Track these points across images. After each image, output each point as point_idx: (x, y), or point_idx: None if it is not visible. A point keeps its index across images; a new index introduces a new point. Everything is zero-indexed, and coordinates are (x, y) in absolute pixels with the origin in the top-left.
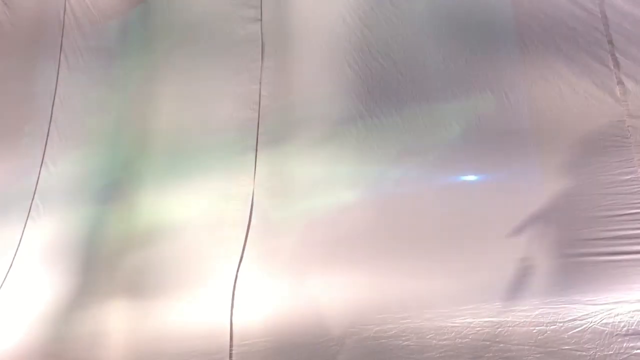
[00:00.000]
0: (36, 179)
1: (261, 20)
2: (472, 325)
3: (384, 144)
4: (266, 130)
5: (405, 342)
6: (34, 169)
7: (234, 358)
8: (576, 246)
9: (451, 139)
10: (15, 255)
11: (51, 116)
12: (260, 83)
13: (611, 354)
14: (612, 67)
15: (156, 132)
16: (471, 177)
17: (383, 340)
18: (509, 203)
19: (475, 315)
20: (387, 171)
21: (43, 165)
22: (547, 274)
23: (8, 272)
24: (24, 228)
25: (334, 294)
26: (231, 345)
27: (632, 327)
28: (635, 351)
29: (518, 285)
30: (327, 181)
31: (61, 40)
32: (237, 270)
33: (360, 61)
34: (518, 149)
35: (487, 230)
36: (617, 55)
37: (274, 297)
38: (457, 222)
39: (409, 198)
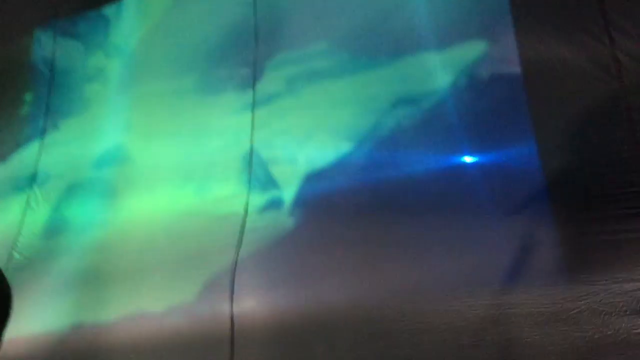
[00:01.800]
0: (37, 148)
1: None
2: (472, 307)
3: (378, 96)
4: (261, 98)
5: (406, 325)
6: (34, 137)
7: (235, 345)
8: (575, 225)
9: (444, 91)
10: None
11: (50, 83)
12: (254, 66)
13: (610, 334)
14: (607, 44)
15: (155, 96)
16: (467, 157)
17: (383, 324)
18: (505, 182)
19: (474, 297)
20: (382, 122)
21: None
22: (545, 255)
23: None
24: (24, 216)
25: (332, 277)
26: (232, 333)
27: (632, 307)
28: (635, 330)
29: (517, 267)
30: (324, 134)
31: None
32: (236, 259)
33: (353, 28)
34: (513, 127)
35: (486, 210)
36: (612, 31)
37: (274, 283)
38: (455, 202)
39: (404, 179)
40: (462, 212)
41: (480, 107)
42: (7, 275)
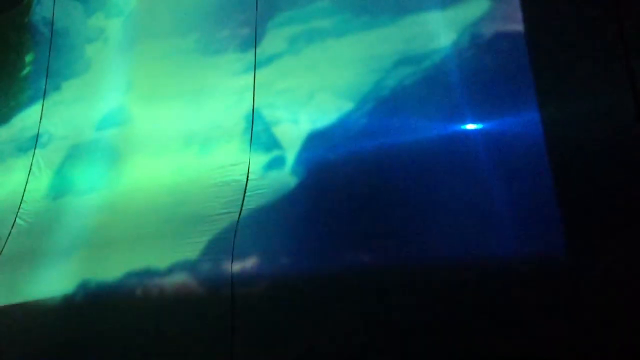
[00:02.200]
0: (39, 109)
1: None
2: (471, 271)
3: (380, 56)
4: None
5: (403, 288)
6: (36, 98)
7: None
8: (576, 195)
9: (446, 49)
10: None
11: (50, 45)
12: (255, 26)
13: (607, 304)
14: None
15: (156, 56)
16: (468, 116)
17: (380, 285)
18: (507, 149)
19: (474, 262)
20: (384, 81)
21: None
22: (545, 223)
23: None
24: (26, 183)
25: (331, 239)
26: (233, 294)
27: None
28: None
29: (516, 234)
30: (326, 94)
31: None
32: (238, 218)
33: None
34: (516, 85)
35: (487, 177)
36: None
37: (275, 240)
38: (456, 167)
39: (406, 142)
40: (464, 177)
41: (482, 65)
42: (12, 241)
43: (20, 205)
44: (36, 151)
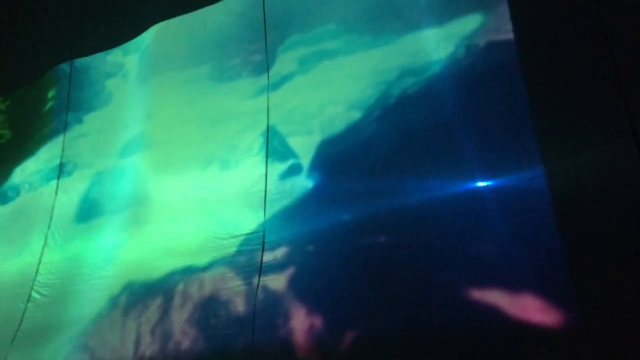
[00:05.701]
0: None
1: None
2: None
3: (384, 70)
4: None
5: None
6: (59, 130)
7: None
8: (587, 266)
9: (444, 61)
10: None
11: (70, 80)
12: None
13: None
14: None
15: (173, 86)
16: (477, 182)
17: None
18: (513, 205)
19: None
20: (389, 92)
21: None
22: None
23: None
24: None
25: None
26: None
27: None
28: None
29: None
30: (337, 107)
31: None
32: (264, 220)
33: (358, 9)
34: (507, 88)
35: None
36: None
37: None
38: (463, 225)
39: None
40: (472, 234)
41: (477, 72)
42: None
43: (35, 277)
44: (52, 227)
